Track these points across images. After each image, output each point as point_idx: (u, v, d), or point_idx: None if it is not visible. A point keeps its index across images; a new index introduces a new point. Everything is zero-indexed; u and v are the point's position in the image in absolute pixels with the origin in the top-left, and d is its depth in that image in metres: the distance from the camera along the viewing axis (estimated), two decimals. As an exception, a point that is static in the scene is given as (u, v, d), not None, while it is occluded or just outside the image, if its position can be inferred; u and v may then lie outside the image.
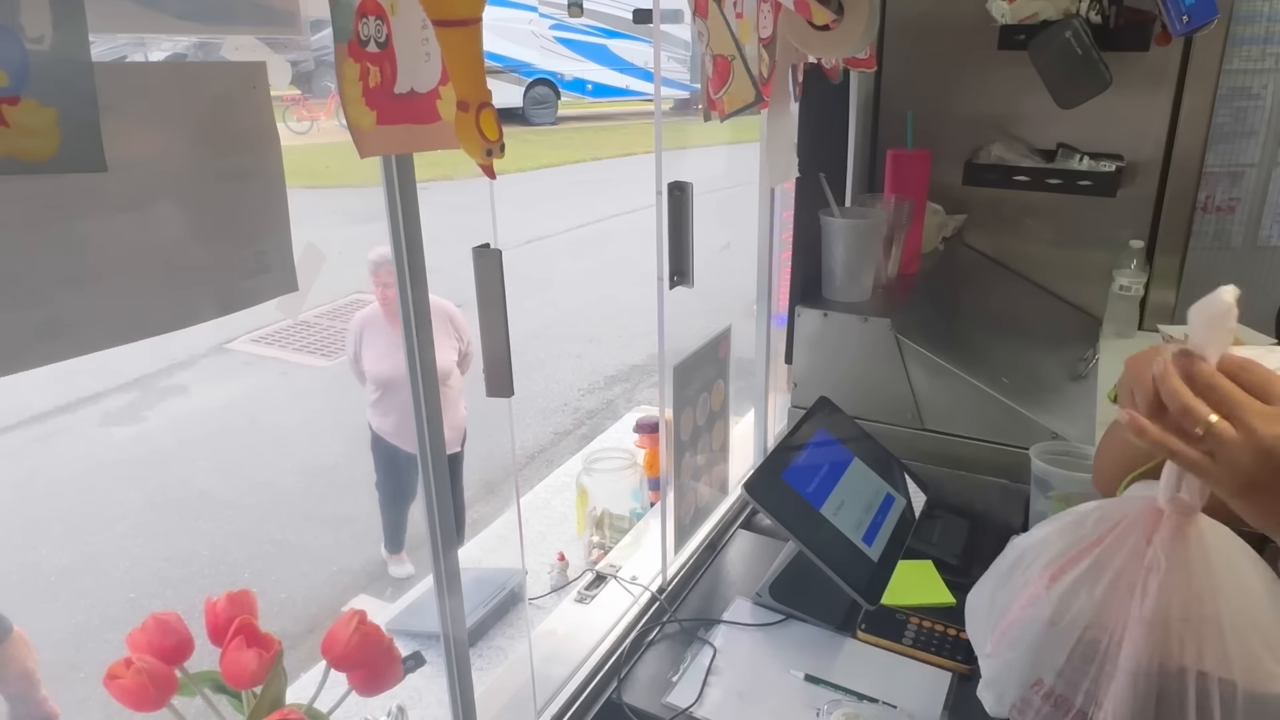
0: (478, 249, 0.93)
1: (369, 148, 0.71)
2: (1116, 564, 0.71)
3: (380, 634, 0.90)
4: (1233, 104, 2.13)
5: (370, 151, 0.72)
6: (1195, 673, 0.67)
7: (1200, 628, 0.67)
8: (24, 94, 0.45)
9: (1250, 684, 0.66)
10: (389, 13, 0.70)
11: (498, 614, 1.71)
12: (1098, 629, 0.70)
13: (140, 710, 0.80)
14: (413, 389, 0.90)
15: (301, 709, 0.86)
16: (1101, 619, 0.70)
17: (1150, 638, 0.68)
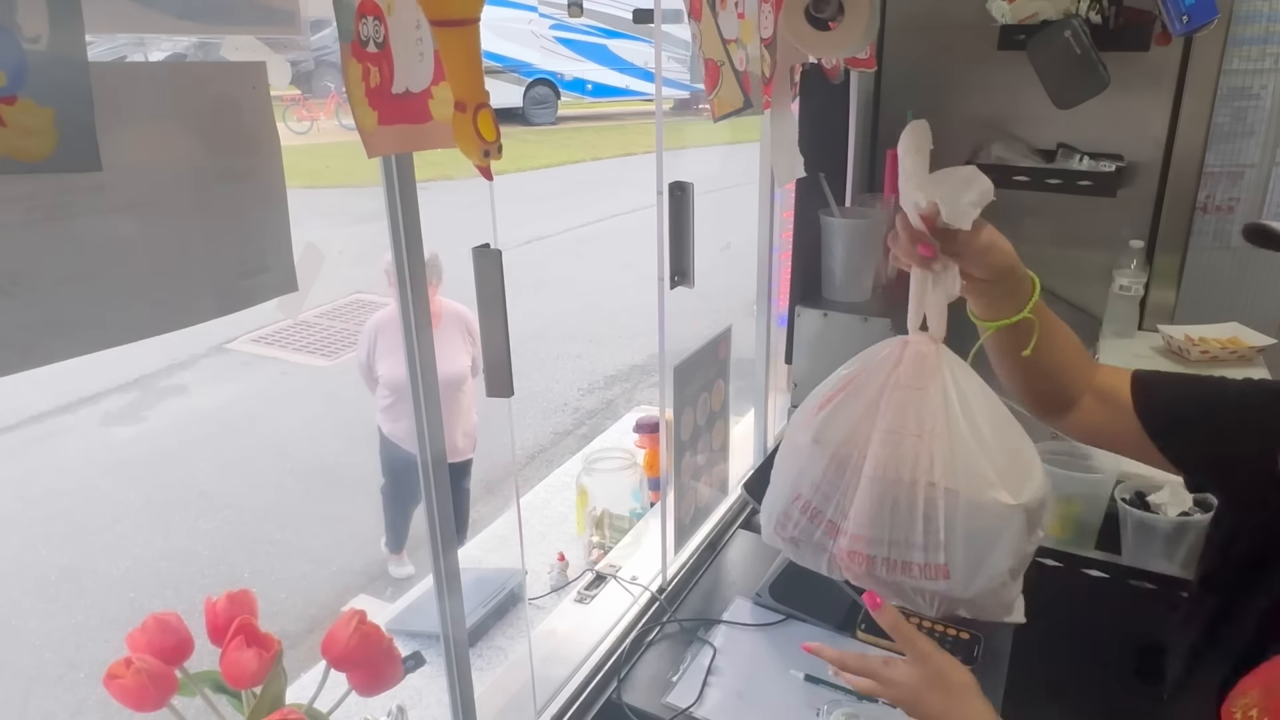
0: (478, 249, 0.93)
1: (375, 148, 0.71)
2: (869, 390, 0.78)
3: (380, 634, 0.90)
4: (1232, 104, 2.13)
5: (376, 151, 0.72)
6: (925, 483, 0.75)
7: (931, 442, 0.74)
8: (21, 93, 0.45)
9: (971, 493, 0.74)
10: (386, 13, 0.70)
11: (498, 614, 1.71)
12: (848, 446, 0.78)
13: (140, 710, 0.80)
14: (413, 390, 0.90)
15: (301, 709, 0.86)
16: (852, 437, 0.78)
17: (887, 447, 0.75)
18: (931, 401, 0.76)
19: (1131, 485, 1.33)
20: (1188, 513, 1.27)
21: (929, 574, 0.76)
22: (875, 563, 0.78)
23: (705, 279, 1.41)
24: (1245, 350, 1.77)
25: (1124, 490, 1.35)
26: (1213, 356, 1.76)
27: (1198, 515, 1.26)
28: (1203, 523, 1.26)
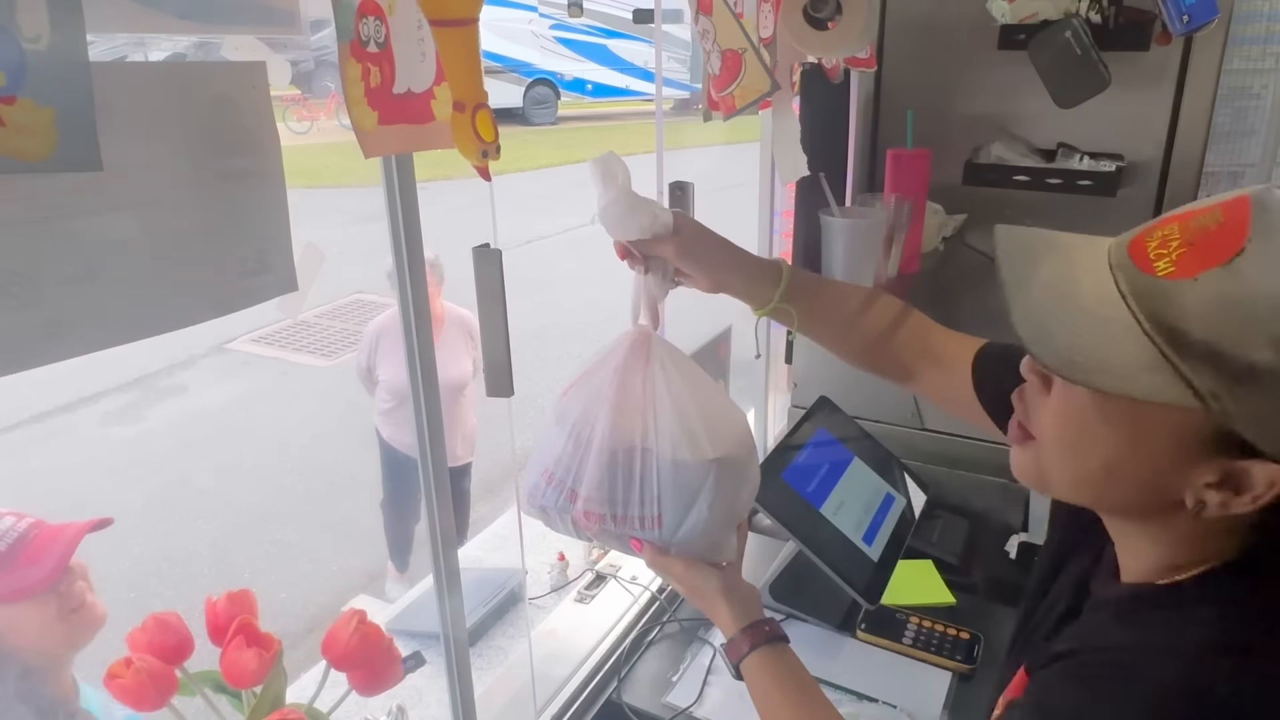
0: (478, 249, 0.93)
1: (372, 148, 0.71)
2: (601, 374, 0.91)
3: (380, 634, 0.90)
4: (1233, 104, 2.13)
5: (374, 152, 0.72)
6: (641, 448, 0.88)
7: (645, 414, 0.88)
8: (20, 93, 0.45)
9: (675, 453, 0.87)
10: (387, 13, 0.70)
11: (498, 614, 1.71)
12: (583, 423, 0.90)
13: (140, 710, 0.80)
14: (413, 390, 0.90)
15: (301, 709, 0.86)
16: (586, 415, 0.90)
17: (612, 421, 0.88)
18: (647, 379, 0.90)
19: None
20: (1188, 513, 1.27)
21: (646, 524, 0.90)
22: (606, 519, 0.91)
23: (705, 279, 1.41)
24: (1245, 350, 1.77)
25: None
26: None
27: (1198, 515, 1.26)
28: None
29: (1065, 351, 0.60)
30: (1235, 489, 0.58)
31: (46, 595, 1.16)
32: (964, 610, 1.38)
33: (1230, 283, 0.54)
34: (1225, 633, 0.59)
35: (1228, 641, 0.59)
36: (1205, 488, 0.59)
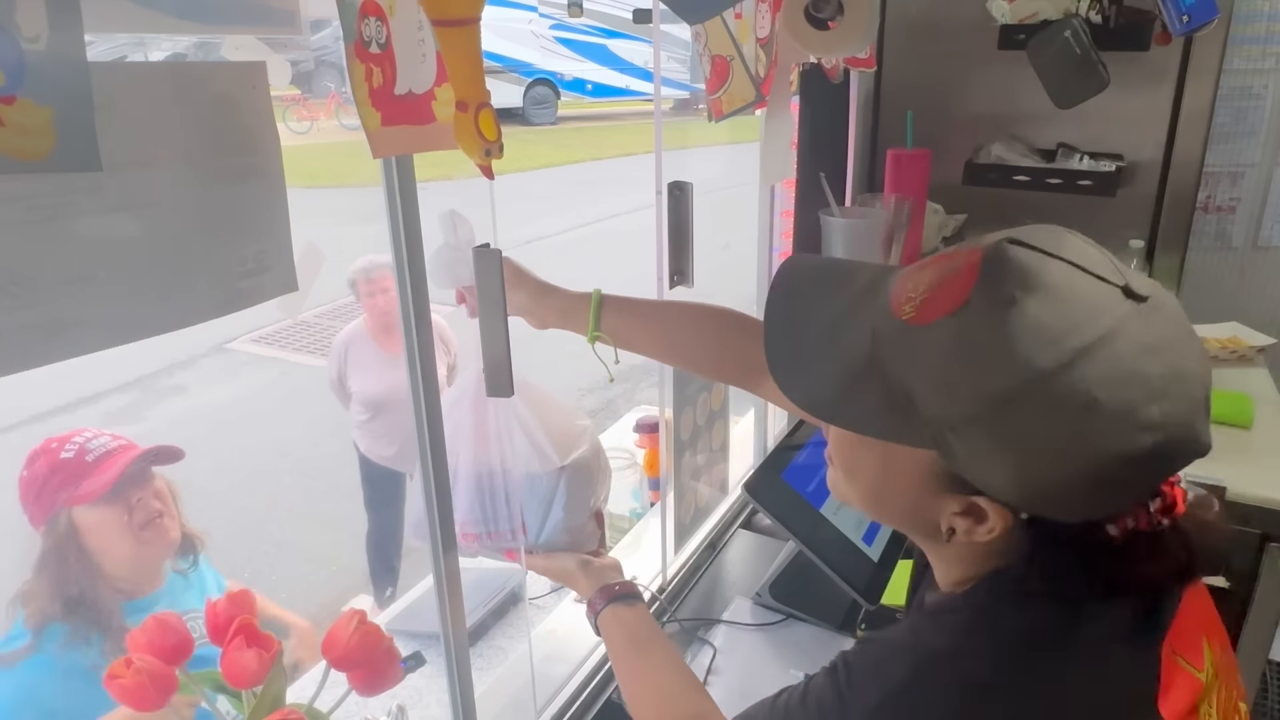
0: (478, 249, 0.93)
1: (379, 148, 0.71)
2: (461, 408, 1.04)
3: (380, 634, 0.90)
4: (1233, 104, 2.13)
5: (381, 152, 0.72)
6: (501, 470, 1.01)
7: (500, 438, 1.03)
8: (20, 93, 0.45)
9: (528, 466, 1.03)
10: (388, 14, 0.70)
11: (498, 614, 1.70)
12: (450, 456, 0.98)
13: (140, 710, 0.80)
14: (413, 390, 0.90)
15: (301, 709, 0.86)
16: (452, 448, 0.99)
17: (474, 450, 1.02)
18: (498, 408, 1.02)
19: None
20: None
21: (514, 536, 1.03)
22: (482, 538, 1.02)
23: (705, 279, 1.41)
24: (1245, 350, 1.77)
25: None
26: (1213, 356, 1.76)
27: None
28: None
29: (810, 390, 0.64)
30: (976, 519, 0.60)
31: (118, 505, 1.32)
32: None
33: (954, 333, 0.55)
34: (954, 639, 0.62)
35: (956, 648, 0.61)
36: (954, 516, 0.61)
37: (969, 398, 0.54)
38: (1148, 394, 0.51)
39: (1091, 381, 0.51)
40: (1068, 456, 0.53)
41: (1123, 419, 0.51)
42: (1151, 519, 0.58)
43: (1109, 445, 0.52)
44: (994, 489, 0.57)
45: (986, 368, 0.53)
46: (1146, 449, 0.51)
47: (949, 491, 0.60)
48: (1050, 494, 0.55)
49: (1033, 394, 0.52)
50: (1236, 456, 1.43)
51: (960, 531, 0.61)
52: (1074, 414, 0.51)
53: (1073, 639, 0.59)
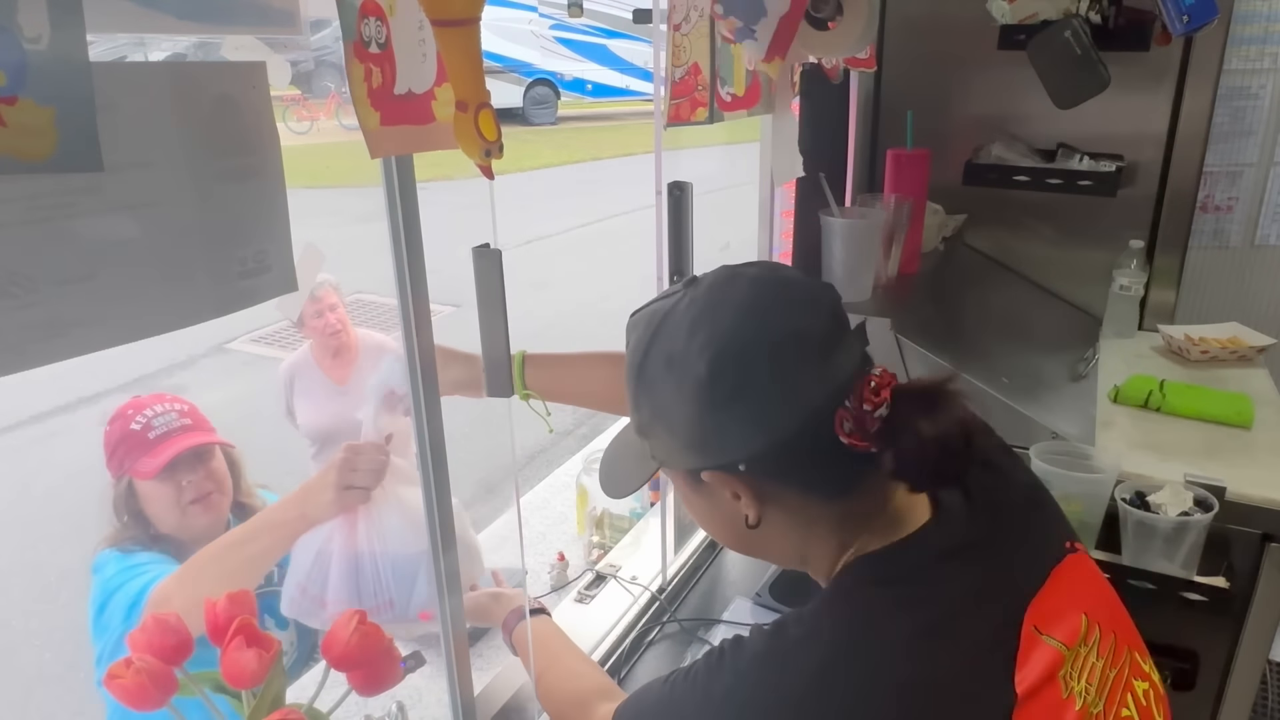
0: (478, 249, 0.93)
1: (377, 148, 0.71)
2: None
3: (380, 634, 0.90)
4: (1231, 103, 2.13)
5: (380, 152, 0.72)
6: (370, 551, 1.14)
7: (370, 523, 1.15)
8: (22, 94, 0.45)
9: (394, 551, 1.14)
10: (388, 13, 0.70)
11: (498, 614, 1.71)
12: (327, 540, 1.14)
13: (140, 710, 0.80)
14: (412, 390, 0.90)
15: (301, 709, 0.86)
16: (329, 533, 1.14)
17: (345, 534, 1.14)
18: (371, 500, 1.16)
19: (1131, 485, 1.33)
20: (1188, 512, 1.27)
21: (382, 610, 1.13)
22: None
23: (705, 279, 1.40)
24: (1245, 350, 1.77)
25: (1124, 490, 1.34)
26: (1213, 356, 1.76)
27: (1198, 515, 1.26)
28: (1203, 522, 1.26)
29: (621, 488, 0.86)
30: (730, 494, 0.73)
31: (169, 484, 1.45)
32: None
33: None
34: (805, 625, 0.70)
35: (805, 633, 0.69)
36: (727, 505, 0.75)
37: (632, 413, 0.77)
38: (691, 332, 0.70)
39: (660, 348, 0.72)
40: (678, 402, 0.70)
41: (684, 358, 0.69)
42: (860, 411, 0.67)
43: (688, 378, 0.69)
44: (681, 460, 0.74)
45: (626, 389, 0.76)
46: (706, 366, 0.68)
47: (696, 486, 0.75)
48: (703, 437, 0.71)
49: (640, 381, 0.74)
50: (1236, 456, 1.42)
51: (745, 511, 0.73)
52: (661, 376, 0.71)
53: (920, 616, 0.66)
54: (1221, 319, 1.91)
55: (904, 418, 0.67)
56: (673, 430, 0.73)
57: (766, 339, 0.68)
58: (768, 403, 0.68)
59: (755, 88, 1.38)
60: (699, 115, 1.23)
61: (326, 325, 2.86)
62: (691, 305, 0.72)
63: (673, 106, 1.18)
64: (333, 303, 2.87)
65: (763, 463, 0.70)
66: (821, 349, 0.68)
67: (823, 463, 0.70)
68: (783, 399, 0.68)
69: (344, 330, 2.89)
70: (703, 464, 0.73)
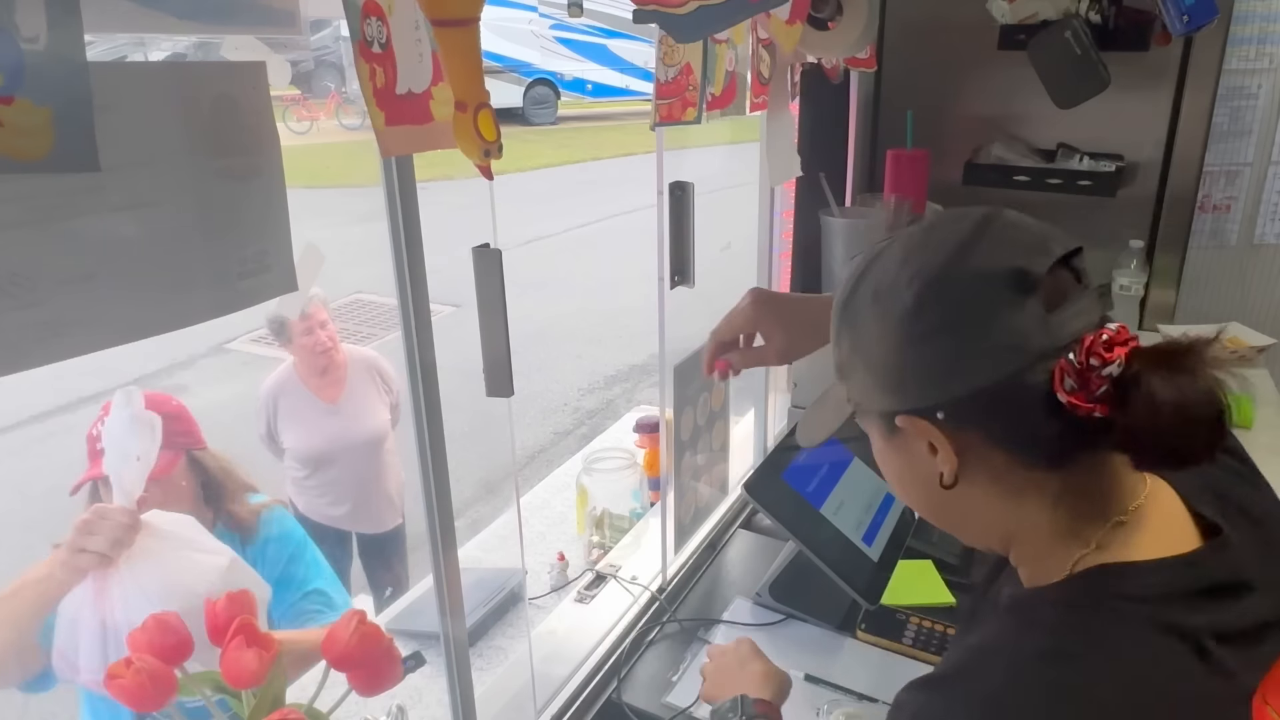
0: (478, 249, 0.93)
1: (387, 147, 0.71)
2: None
3: (380, 634, 0.90)
4: (1229, 103, 2.13)
5: (390, 151, 0.72)
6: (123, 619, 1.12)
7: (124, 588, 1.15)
8: (18, 94, 0.45)
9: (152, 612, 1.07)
10: (387, 13, 0.70)
11: (498, 614, 1.70)
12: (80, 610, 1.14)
13: (140, 710, 0.80)
14: (412, 389, 0.90)
15: (301, 709, 0.86)
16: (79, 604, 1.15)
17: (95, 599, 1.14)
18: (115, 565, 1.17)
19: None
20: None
21: None
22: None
23: (705, 279, 1.41)
24: (1245, 350, 1.77)
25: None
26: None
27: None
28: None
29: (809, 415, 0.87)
30: (929, 447, 0.67)
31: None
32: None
33: None
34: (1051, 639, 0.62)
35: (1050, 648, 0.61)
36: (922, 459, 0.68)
37: (834, 352, 0.73)
38: (903, 263, 0.65)
39: (870, 281, 0.67)
40: (879, 337, 0.66)
41: (891, 290, 0.65)
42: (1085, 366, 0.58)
43: (892, 310, 0.64)
44: (876, 402, 0.69)
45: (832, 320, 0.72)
46: (913, 297, 0.63)
47: (891, 437, 0.70)
48: (901, 375, 0.65)
49: (844, 315, 0.70)
50: (1236, 456, 1.42)
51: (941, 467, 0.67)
52: (866, 308, 0.67)
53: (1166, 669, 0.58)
54: (1221, 319, 1.91)
55: (1139, 379, 0.57)
56: (870, 366, 0.67)
57: (983, 273, 0.61)
58: (975, 341, 0.61)
59: (732, 88, 1.38)
60: (688, 115, 1.22)
61: (317, 343, 2.70)
62: (909, 238, 0.67)
63: (663, 106, 1.18)
64: (323, 319, 2.72)
65: (964, 411, 0.63)
66: (1047, 296, 0.60)
67: (1034, 421, 0.61)
68: (993, 339, 0.60)
69: (334, 348, 2.77)
70: (898, 406, 0.66)
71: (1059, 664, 0.59)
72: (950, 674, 0.66)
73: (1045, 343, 0.59)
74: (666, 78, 1.16)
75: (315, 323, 2.69)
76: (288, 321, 2.69)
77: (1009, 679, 0.60)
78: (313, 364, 2.73)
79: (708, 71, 1.25)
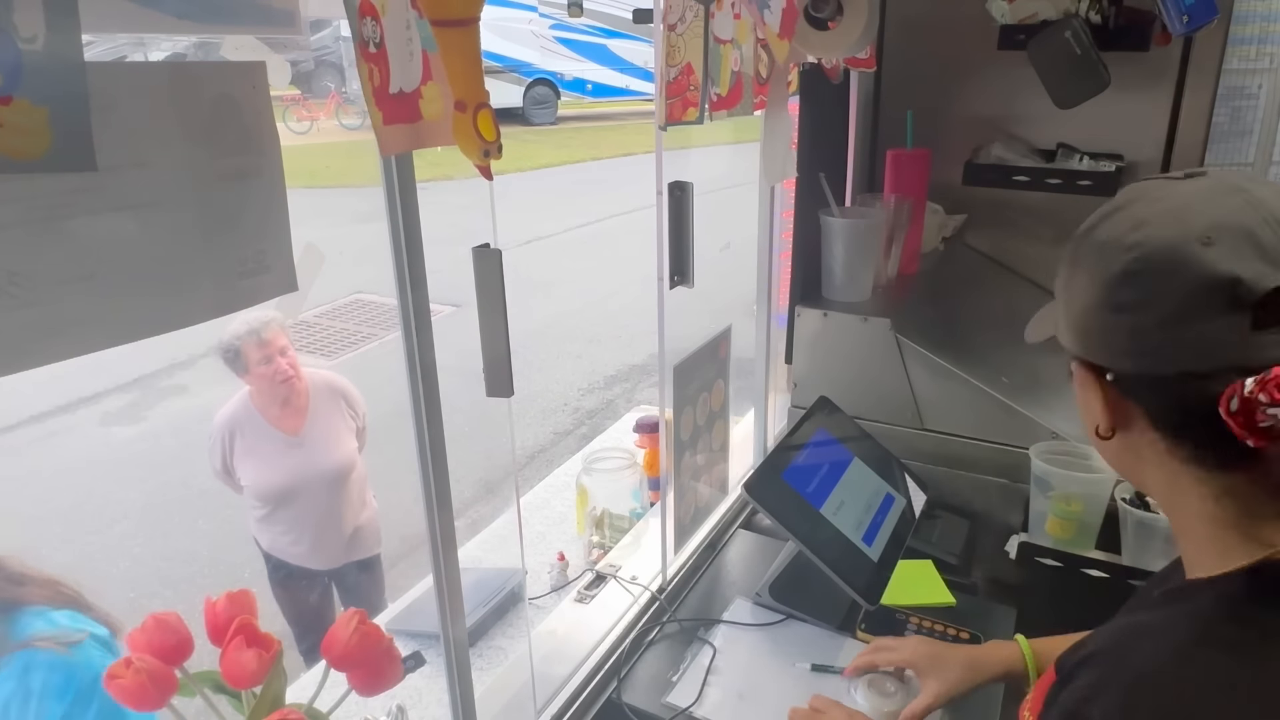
0: (478, 249, 0.93)
1: (387, 146, 0.71)
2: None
3: (380, 634, 0.90)
4: (1230, 103, 2.13)
5: (389, 150, 0.72)
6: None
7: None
8: (16, 93, 0.46)
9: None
10: (380, 14, 0.70)
11: (498, 614, 1.70)
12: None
13: (140, 710, 0.80)
14: (412, 389, 0.90)
15: (301, 709, 0.86)
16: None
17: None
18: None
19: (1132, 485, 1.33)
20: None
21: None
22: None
23: (705, 279, 1.41)
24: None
25: (1124, 490, 1.35)
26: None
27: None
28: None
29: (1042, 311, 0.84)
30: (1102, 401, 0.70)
31: None
32: (964, 610, 1.38)
33: None
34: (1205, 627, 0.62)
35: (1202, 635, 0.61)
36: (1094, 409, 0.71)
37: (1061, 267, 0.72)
38: (1135, 226, 0.64)
39: (1104, 229, 0.67)
40: (1084, 286, 0.67)
41: (1111, 246, 0.65)
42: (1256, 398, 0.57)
43: (1102, 267, 0.65)
44: (1066, 339, 0.72)
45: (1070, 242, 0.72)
46: (1125, 264, 0.64)
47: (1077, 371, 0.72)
48: (1086, 328, 0.68)
49: (1074, 250, 0.70)
50: (1236, 456, 1.42)
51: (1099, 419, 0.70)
52: (1088, 254, 0.68)
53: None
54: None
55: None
56: (1069, 308, 0.70)
57: (1198, 276, 0.60)
58: (1168, 331, 0.62)
59: (738, 89, 1.38)
60: (690, 115, 1.22)
61: (277, 371, 2.44)
62: (1163, 197, 0.65)
63: (666, 106, 1.18)
64: (282, 345, 2.46)
65: (1133, 384, 0.66)
66: (1257, 313, 0.59)
67: (1194, 424, 0.63)
68: (1186, 336, 0.61)
69: (296, 375, 2.50)
70: (1078, 352, 0.71)
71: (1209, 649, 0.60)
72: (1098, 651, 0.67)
73: (1236, 358, 0.59)
74: (670, 77, 1.16)
75: (275, 349, 2.44)
76: (242, 349, 2.42)
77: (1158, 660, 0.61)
78: (272, 394, 2.48)
79: (710, 71, 1.25)
